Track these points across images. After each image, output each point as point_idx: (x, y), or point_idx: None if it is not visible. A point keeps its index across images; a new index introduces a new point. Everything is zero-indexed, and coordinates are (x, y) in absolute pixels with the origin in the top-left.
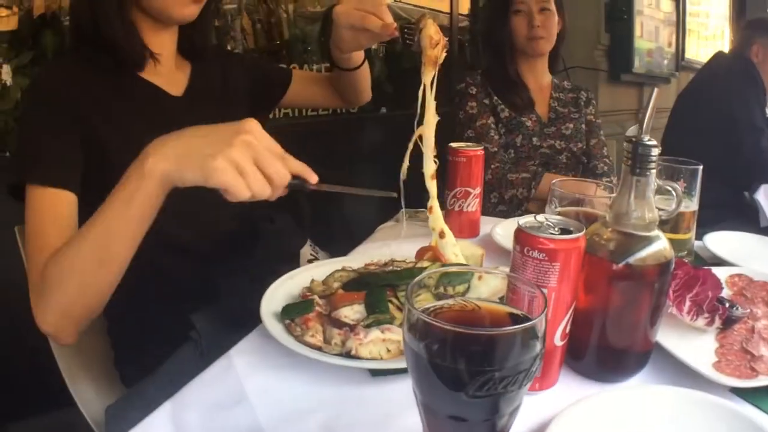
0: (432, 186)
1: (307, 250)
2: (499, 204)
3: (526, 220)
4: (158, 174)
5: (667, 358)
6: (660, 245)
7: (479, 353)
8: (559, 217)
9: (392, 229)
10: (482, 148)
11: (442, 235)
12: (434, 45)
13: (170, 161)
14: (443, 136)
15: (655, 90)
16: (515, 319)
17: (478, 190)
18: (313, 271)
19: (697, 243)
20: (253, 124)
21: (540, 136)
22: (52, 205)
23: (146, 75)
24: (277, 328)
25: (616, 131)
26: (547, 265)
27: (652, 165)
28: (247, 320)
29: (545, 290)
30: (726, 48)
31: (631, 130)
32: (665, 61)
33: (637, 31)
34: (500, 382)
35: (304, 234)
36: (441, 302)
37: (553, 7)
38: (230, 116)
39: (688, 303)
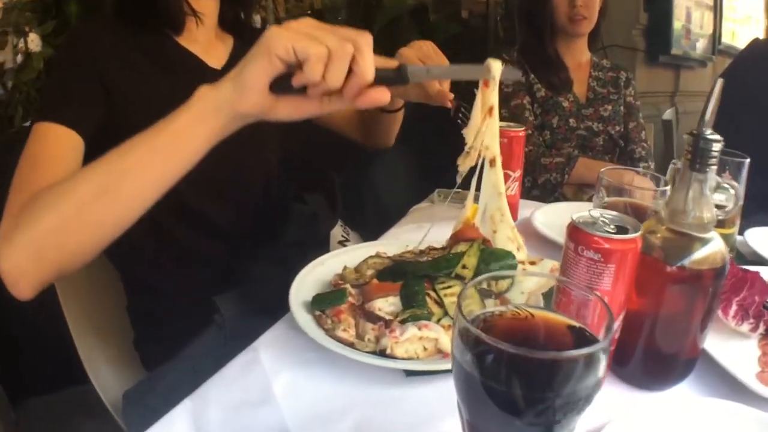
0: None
1: (338, 231)
2: (532, 188)
3: (580, 215)
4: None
5: (708, 364)
6: (716, 247)
7: (540, 378)
8: (614, 213)
9: (426, 210)
10: (524, 128)
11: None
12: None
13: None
14: None
15: (719, 81)
16: (576, 334)
17: (518, 173)
18: (344, 257)
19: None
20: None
21: (577, 117)
22: (55, 143)
23: (184, 41)
24: (307, 320)
25: (652, 113)
26: (602, 267)
27: (714, 161)
28: (275, 306)
29: (601, 296)
30: (761, 33)
31: (668, 114)
32: (701, 44)
33: (675, 13)
34: (560, 409)
35: (335, 215)
36: (492, 309)
37: None
38: None
39: (734, 307)
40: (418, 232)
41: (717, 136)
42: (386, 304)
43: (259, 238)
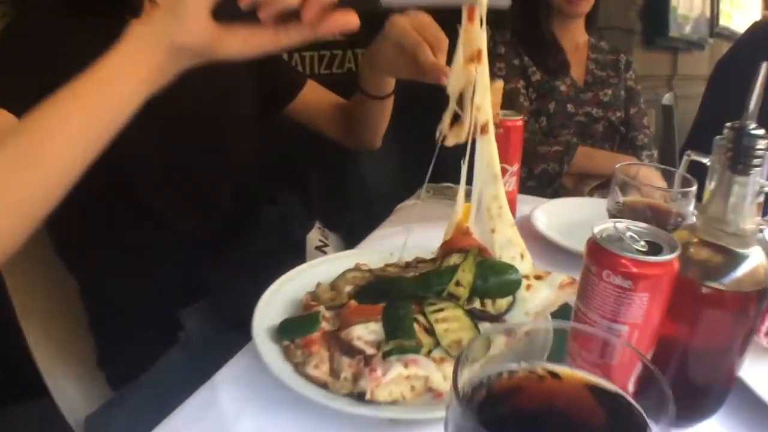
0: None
1: (314, 236)
2: (528, 179)
3: (603, 228)
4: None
5: (741, 393)
6: (756, 261)
7: None
8: (642, 225)
9: (414, 209)
10: (522, 117)
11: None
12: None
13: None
14: None
15: (764, 65)
16: (614, 408)
17: (515, 167)
18: (319, 269)
19: None
20: None
21: (575, 102)
22: None
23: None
24: (273, 352)
25: (650, 98)
26: (631, 296)
27: (759, 161)
28: (244, 323)
29: (625, 328)
30: (757, 16)
31: (667, 98)
32: (698, 27)
33: None
34: None
35: (312, 215)
36: (497, 369)
37: None
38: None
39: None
40: (404, 236)
41: (762, 131)
42: (366, 332)
43: (227, 244)
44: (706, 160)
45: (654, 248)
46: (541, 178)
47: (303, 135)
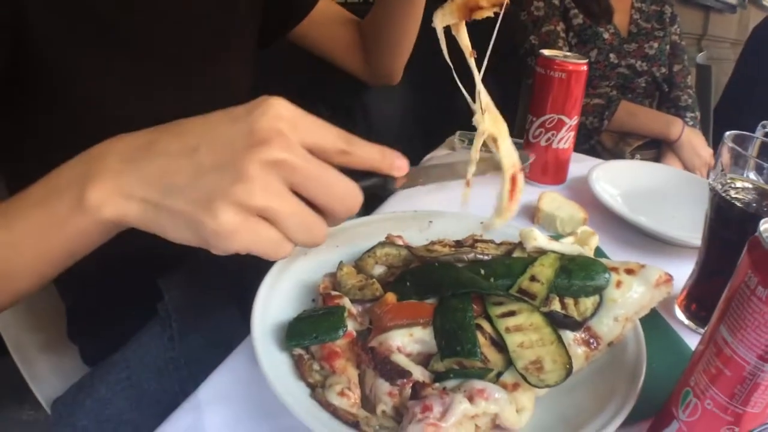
0: None
1: None
2: None
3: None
4: (107, 217)
5: None
6: None
7: None
8: None
9: (446, 160)
10: (587, 61)
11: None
12: None
13: (131, 205)
14: (499, 41)
15: None
16: None
17: (575, 121)
18: (338, 238)
19: None
20: (279, 107)
21: (619, 52)
22: None
23: None
24: (279, 365)
25: None
26: None
27: None
28: (234, 297)
29: None
30: None
31: (702, 58)
32: None
33: None
34: None
35: None
36: None
37: None
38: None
39: None
40: (439, 193)
41: None
42: (410, 341)
43: None
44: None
45: None
46: (579, 131)
47: (306, 67)
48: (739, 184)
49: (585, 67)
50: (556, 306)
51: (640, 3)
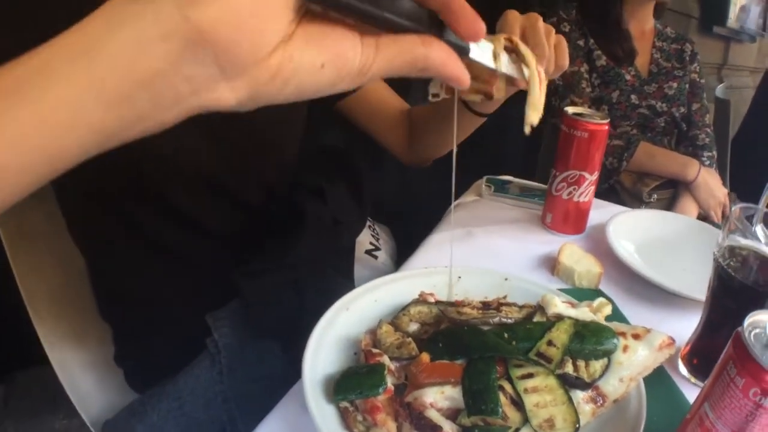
0: None
1: (365, 237)
2: None
3: (752, 320)
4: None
5: None
6: None
7: None
8: None
9: (474, 208)
10: (608, 120)
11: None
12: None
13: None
14: None
15: None
16: None
17: (595, 176)
18: (376, 293)
19: None
20: None
21: (639, 93)
22: None
23: None
24: (327, 416)
25: None
26: None
27: None
28: (281, 337)
29: None
30: None
31: (720, 90)
32: (754, 18)
33: None
34: None
35: (363, 212)
36: None
37: None
38: None
39: None
40: (467, 242)
41: None
42: (441, 398)
43: (264, 246)
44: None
45: None
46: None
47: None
48: (744, 250)
49: (606, 127)
50: (569, 367)
51: (661, 42)
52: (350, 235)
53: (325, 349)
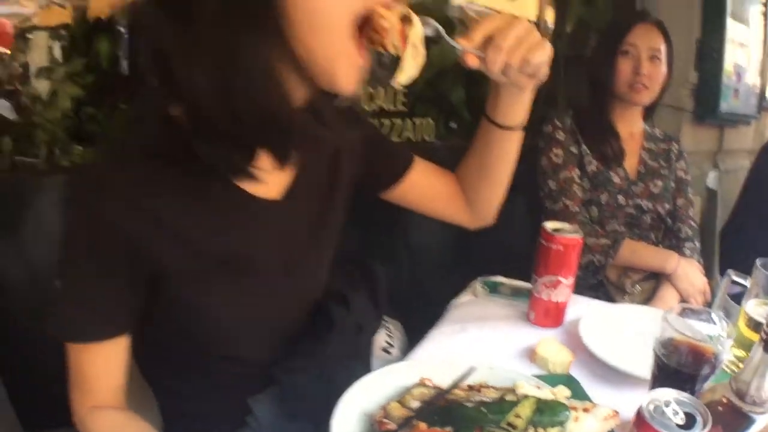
0: None
1: (381, 336)
2: None
3: (653, 398)
4: None
5: None
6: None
7: None
8: (685, 396)
9: (469, 306)
10: (581, 236)
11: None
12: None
13: None
14: (525, 181)
15: None
16: None
17: (570, 280)
18: (387, 378)
19: None
20: None
21: (627, 194)
22: (96, 359)
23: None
24: None
25: (694, 174)
26: None
27: None
28: (316, 420)
29: None
30: None
31: (711, 180)
32: (747, 101)
33: (725, 70)
34: None
35: (379, 313)
36: None
37: (663, 56)
38: (331, 212)
39: None
40: (462, 336)
41: None
42: None
43: (297, 348)
44: (745, 282)
45: (690, 420)
46: (587, 269)
47: (365, 223)
48: (682, 346)
49: (580, 240)
50: None
51: (649, 143)
52: (369, 335)
53: (347, 423)
